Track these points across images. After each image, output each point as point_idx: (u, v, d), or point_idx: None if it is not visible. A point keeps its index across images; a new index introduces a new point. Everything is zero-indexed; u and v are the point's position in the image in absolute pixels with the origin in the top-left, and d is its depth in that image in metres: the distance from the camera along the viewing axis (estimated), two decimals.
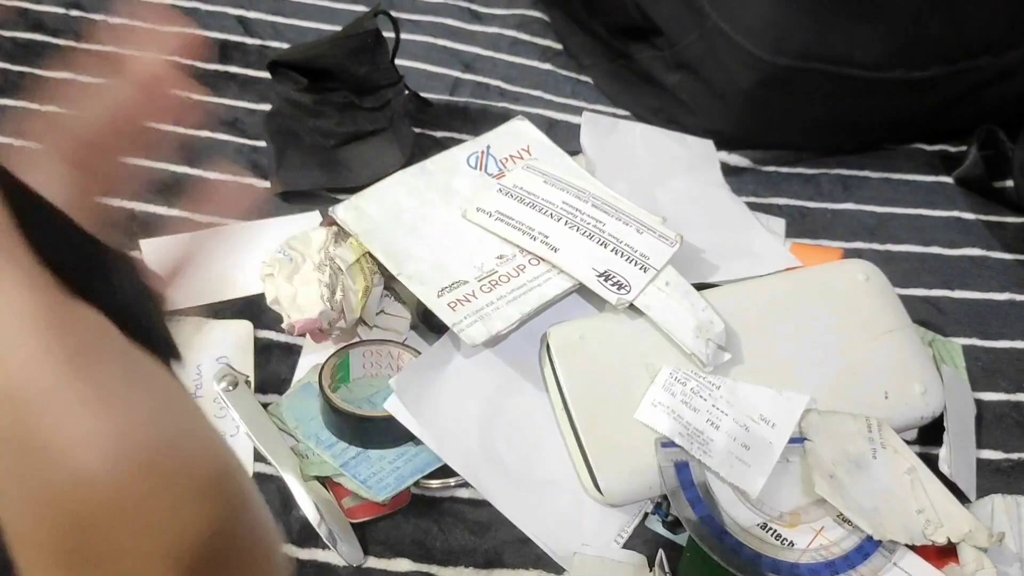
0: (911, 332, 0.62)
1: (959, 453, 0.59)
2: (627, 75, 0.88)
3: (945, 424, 0.60)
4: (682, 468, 0.53)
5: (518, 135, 0.70)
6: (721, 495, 0.53)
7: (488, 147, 0.69)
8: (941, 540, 0.52)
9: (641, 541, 0.55)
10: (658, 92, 0.85)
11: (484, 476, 0.54)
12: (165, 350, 0.24)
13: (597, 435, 0.54)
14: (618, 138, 0.74)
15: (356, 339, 0.61)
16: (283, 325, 0.60)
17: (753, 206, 0.77)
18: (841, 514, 0.53)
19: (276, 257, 0.60)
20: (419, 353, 0.59)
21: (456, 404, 0.56)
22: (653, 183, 0.72)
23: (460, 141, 0.80)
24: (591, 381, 0.56)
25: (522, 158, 0.68)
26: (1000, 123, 0.83)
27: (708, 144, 0.78)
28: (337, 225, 0.62)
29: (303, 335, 0.62)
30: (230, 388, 0.58)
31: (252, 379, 0.60)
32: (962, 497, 0.58)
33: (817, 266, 0.65)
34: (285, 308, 0.58)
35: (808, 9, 0.75)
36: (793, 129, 0.83)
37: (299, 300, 0.58)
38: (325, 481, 0.56)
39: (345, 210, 0.63)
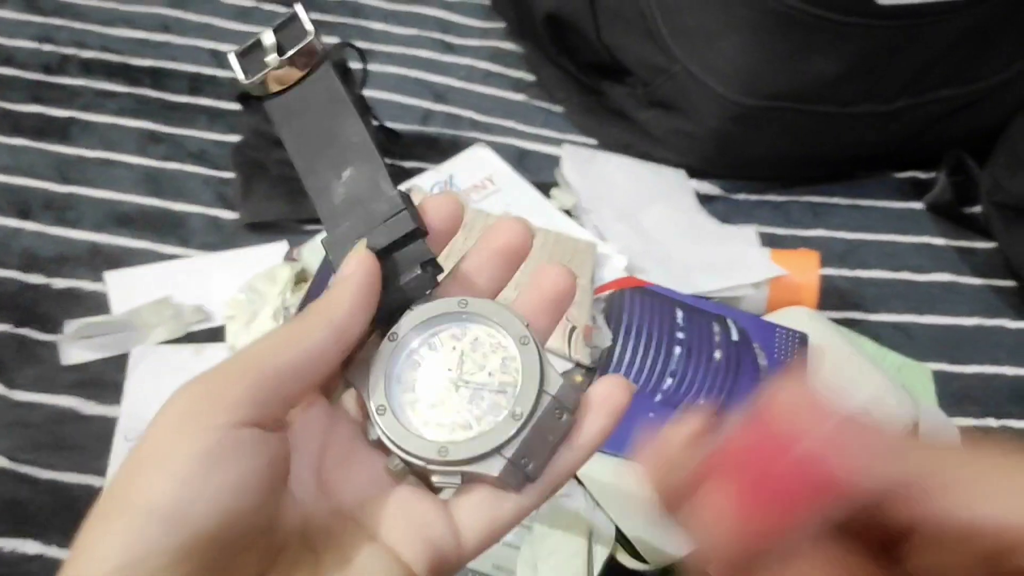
0: (863, 357, 0.63)
1: None
2: (599, 109, 0.89)
3: None
4: None
5: (481, 163, 0.70)
6: None
7: (451, 176, 0.69)
8: None
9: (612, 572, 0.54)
10: (630, 126, 0.86)
11: None
12: None
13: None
14: (597, 168, 0.74)
15: None
16: None
17: None
18: None
19: (237, 298, 0.60)
20: None
21: None
22: (636, 208, 0.72)
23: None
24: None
25: (485, 188, 0.68)
26: (968, 149, 0.83)
27: (681, 173, 0.78)
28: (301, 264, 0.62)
29: None
30: None
31: None
32: None
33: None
34: None
35: (777, 53, 0.75)
36: (763, 162, 0.83)
37: None
38: None
39: (311, 252, 0.62)
